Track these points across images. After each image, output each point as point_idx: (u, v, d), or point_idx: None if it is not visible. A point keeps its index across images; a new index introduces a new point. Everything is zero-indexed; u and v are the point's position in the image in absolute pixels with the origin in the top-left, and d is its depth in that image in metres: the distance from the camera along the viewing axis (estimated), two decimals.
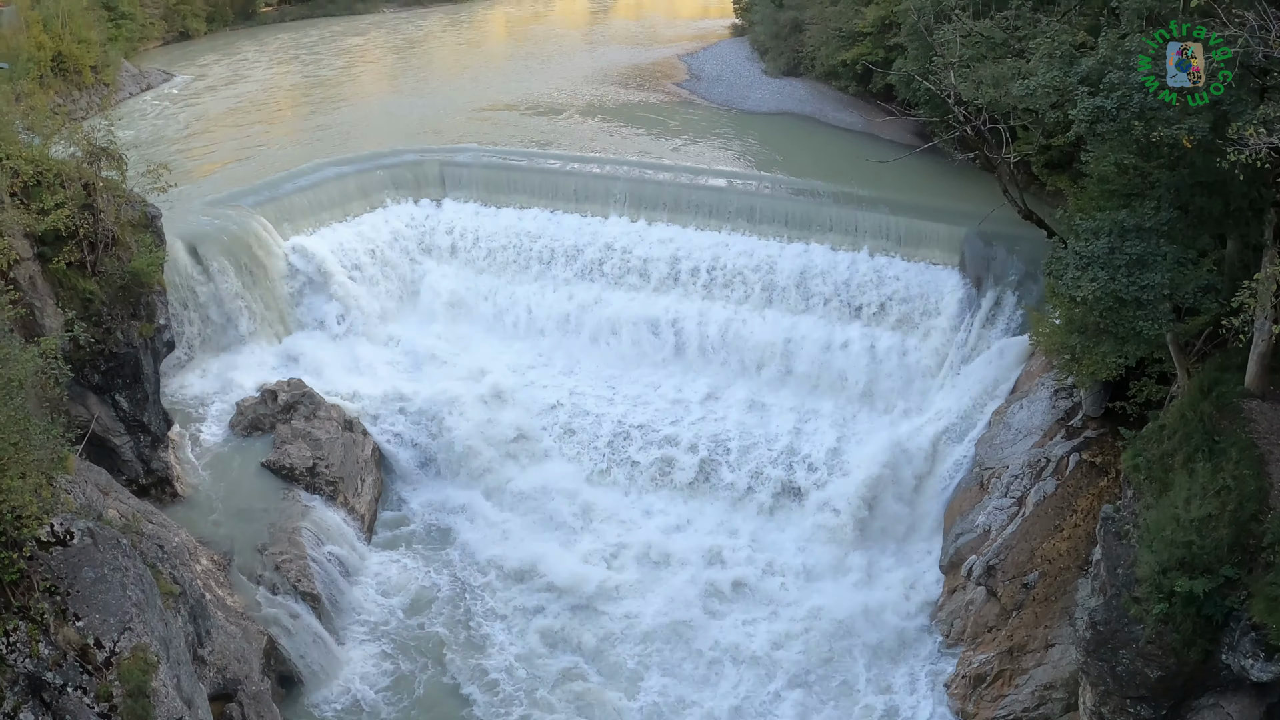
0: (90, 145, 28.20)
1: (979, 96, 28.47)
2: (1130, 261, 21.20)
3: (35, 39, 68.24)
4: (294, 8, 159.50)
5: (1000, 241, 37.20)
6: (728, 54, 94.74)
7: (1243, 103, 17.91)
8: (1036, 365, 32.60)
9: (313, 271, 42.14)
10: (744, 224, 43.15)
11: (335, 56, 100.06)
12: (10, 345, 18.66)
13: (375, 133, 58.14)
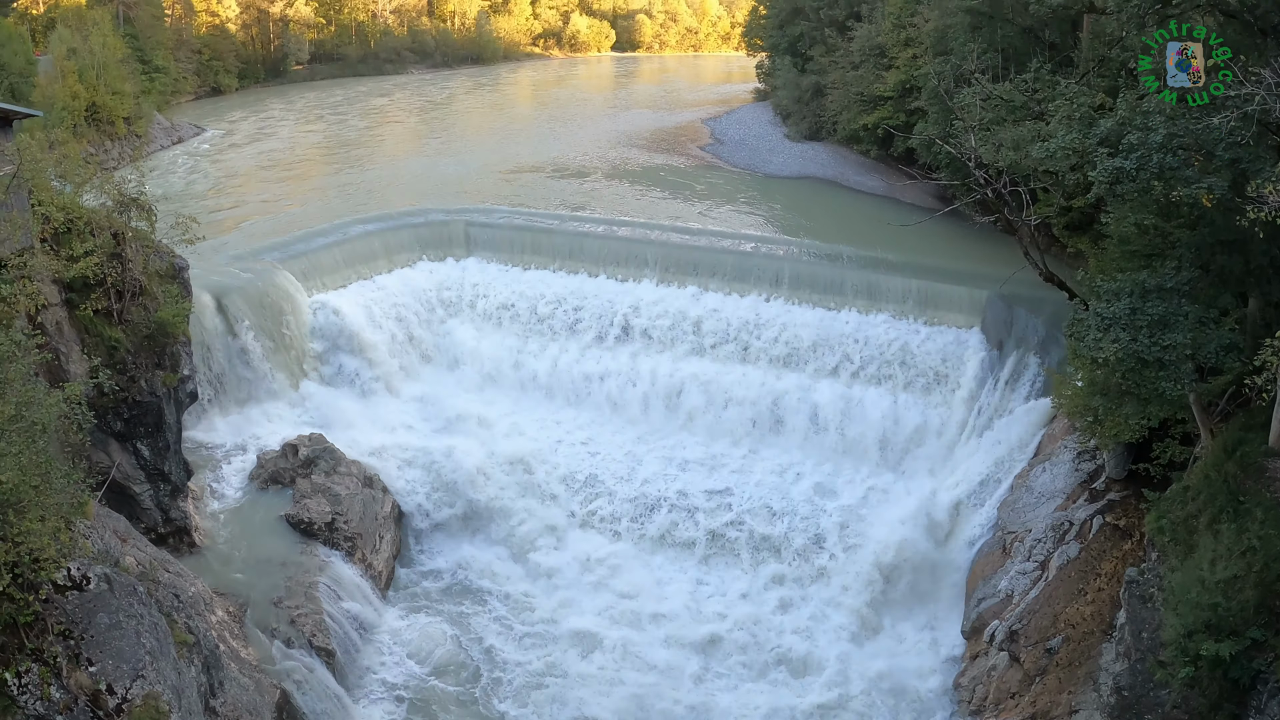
0: (121, 195, 28.67)
1: (999, 159, 28.68)
2: (1152, 322, 21.12)
3: (70, 88, 69.88)
4: (324, 67, 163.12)
5: (1022, 304, 37.16)
6: (750, 118, 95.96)
7: (1261, 160, 17.98)
8: (1059, 428, 32.36)
9: (337, 328, 42.44)
10: (767, 288, 43.37)
11: (362, 116, 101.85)
12: (35, 389, 18.81)
13: (401, 192, 58.99)
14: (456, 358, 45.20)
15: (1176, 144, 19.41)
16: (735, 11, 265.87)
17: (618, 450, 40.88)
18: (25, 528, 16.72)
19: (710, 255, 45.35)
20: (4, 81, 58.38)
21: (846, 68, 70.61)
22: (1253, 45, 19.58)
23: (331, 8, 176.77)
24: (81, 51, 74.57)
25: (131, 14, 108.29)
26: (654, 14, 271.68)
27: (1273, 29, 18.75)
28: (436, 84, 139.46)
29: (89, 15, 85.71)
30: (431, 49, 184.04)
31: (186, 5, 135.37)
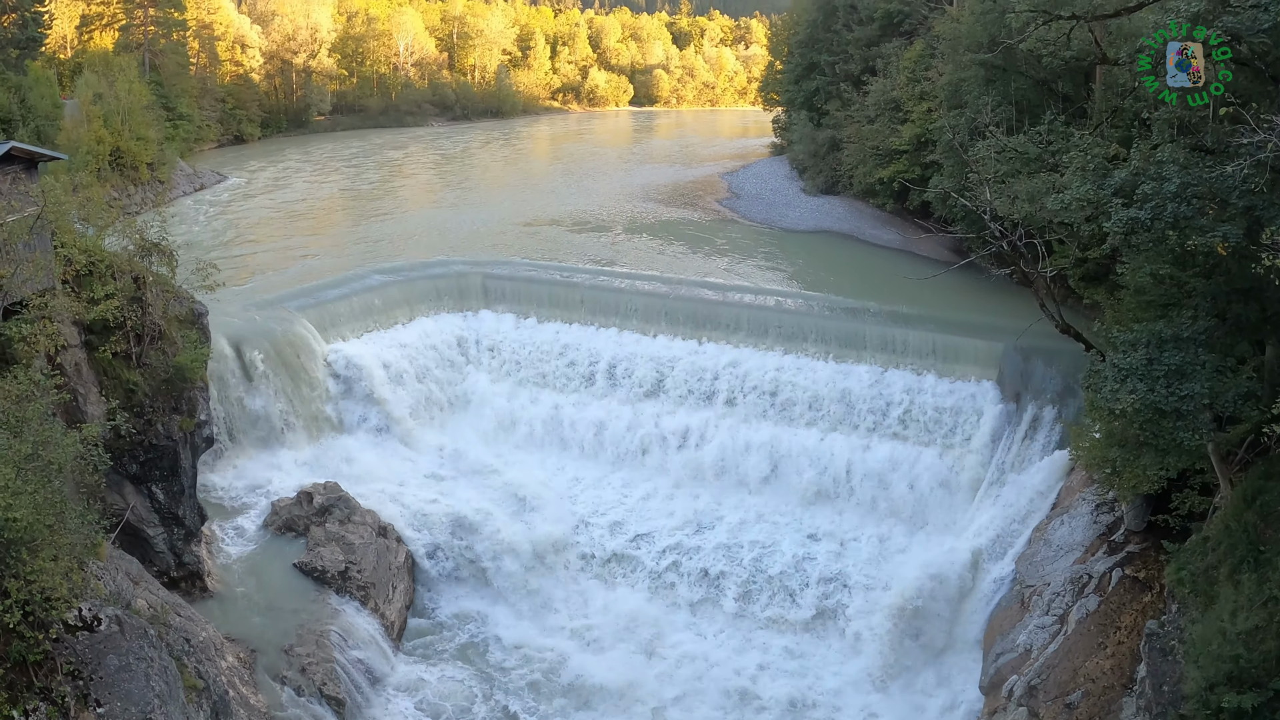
0: (143, 240, 29.03)
1: (1014, 211, 28.75)
2: (1169, 372, 20.99)
3: (96, 133, 70.88)
4: (345, 117, 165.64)
5: (1038, 356, 37.05)
6: (767, 172, 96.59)
7: (1275, 207, 17.95)
8: (1077, 480, 32.12)
9: (353, 376, 42.61)
10: (782, 342, 43.38)
11: (383, 167, 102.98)
12: (52, 429, 18.95)
13: (420, 243, 59.46)
14: (473, 409, 45.24)
15: (1191, 193, 19.42)
16: (752, 67, 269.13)
17: (634, 502, 40.70)
18: (38, 566, 16.77)
19: (728, 310, 45.42)
20: (30, 124, 59.32)
21: (862, 122, 71.10)
22: (1264, 92, 19.66)
23: (354, 60, 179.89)
24: (107, 97, 75.76)
25: (157, 61, 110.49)
26: (671, 69, 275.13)
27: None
28: (456, 136, 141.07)
29: (115, 61, 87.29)
30: (452, 102, 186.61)
31: (211, 54, 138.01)
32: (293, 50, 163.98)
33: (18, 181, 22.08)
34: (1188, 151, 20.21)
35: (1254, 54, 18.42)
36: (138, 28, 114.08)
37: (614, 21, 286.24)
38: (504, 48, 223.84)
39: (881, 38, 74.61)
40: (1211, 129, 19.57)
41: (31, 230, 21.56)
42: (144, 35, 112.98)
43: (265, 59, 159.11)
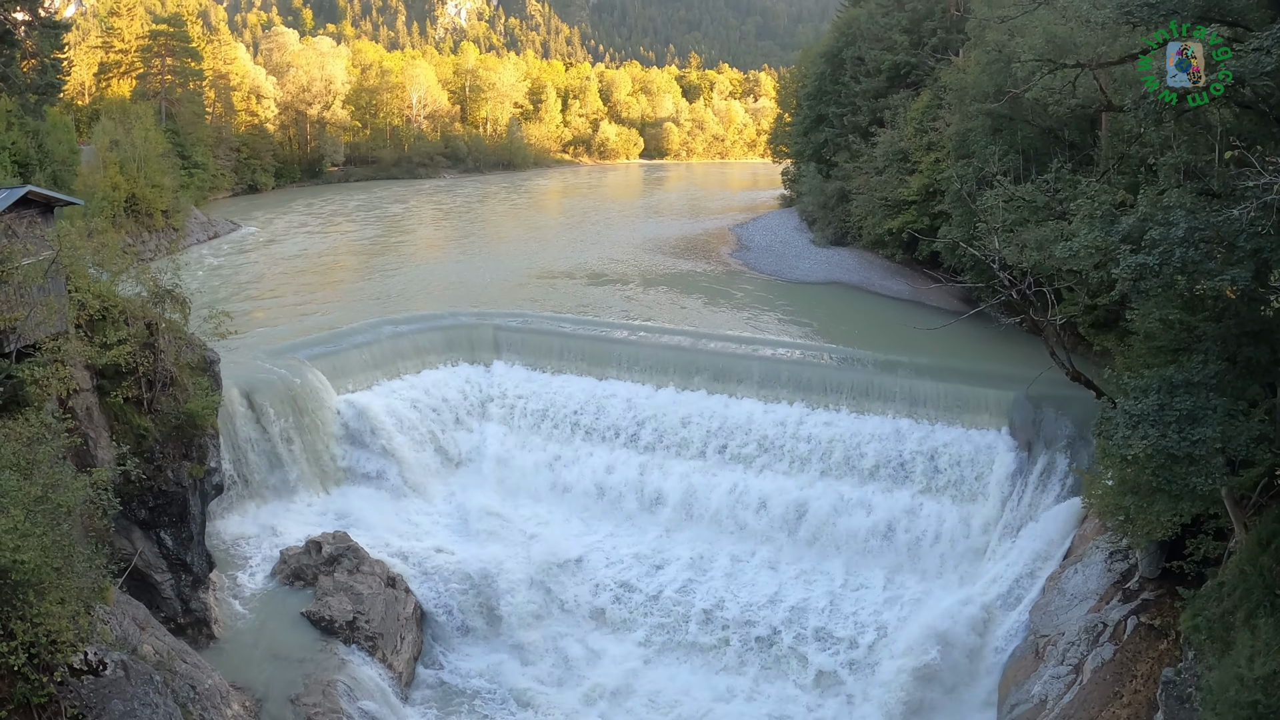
0: (156, 286, 29.26)
1: (1023, 260, 28.85)
2: (1180, 417, 20.90)
3: (111, 179, 71.73)
4: (358, 169, 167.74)
5: (1049, 404, 36.95)
6: (776, 224, 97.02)
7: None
8: (1090, 528, 31.90)
9: (364, 427, 42.60)
10: (794, 393, 43.26)
11: (395, 218, 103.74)
12: (62, 473, 18.99)
13: (431, 294, 59.76)
14: (483, 461, 45.10)
15: (1198, 237, 19.46)
16: (761, 119, 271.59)
17: (644, 555, 40.31)
18: (45, 609, 16.72)
19: (739, 362, 45.39)
20: (48, 168, 59.99)
21: (870, 173, 71.54)
22: (1269, 135, 19.78)
23: (367, 111, 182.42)
24: (124, 144, 76.86)
25: (174, 110, 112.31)
26: (681, 122, 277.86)
27: None
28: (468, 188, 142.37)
29: (133, 109, 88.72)
30: (464, 154, 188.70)
31: (227, 104, 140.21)
32: (307, 101, 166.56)
33: (34, 225, 22.34)
34: (1194, 196, 20.30)
35: (1258, 97, 18.56)
36: (155, 76, 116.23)
37: (624, 75, 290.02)
38: (516, 101, 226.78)
39: (889, 89, 75.28)
40: (1218, 172, 19.69)
41: (46, 274, 21.80)
42: (161, 84, 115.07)
43: (280, 109, 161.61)
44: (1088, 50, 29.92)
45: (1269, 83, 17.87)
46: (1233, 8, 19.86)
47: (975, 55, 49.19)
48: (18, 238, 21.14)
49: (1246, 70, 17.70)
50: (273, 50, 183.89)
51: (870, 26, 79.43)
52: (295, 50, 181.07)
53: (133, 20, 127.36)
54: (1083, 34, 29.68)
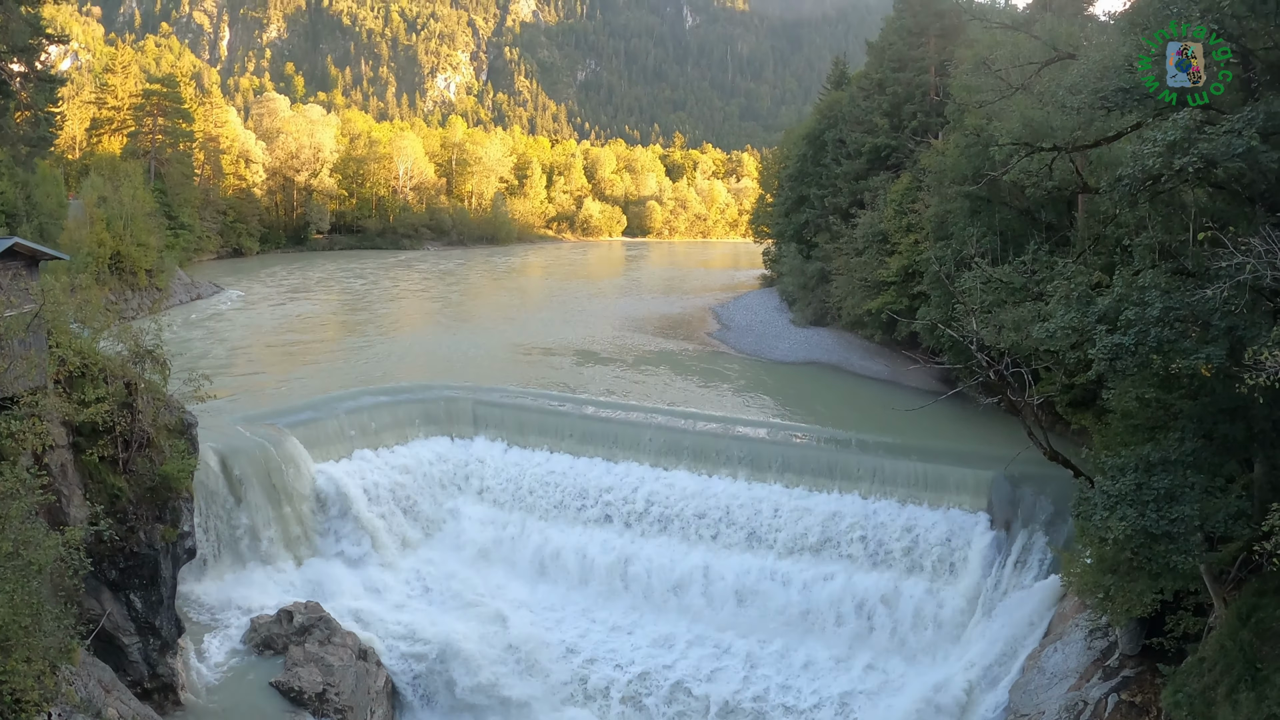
0: (137, 346, 29.17)
1: (1001, 340, 29.11)
2: (1159, 496, 21.10)
3: (98, 235, 71.78)
4: (343, 237, 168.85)
5: (1028, 483, 37.07)
6: (757, 304, 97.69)
7: (1257, 326, 18.30)
8: (1070, 606, 31.80)
9: (340, 497, 42.22)
10: (772, 473, 43.17)
11: (378, 288, 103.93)
12: (34, 530, 18.76)
13: (413, 366, 59.74)
14: (459, 535, 44.66)
15: (1173, 316, 19.80)
16: (743, 199, 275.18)
17: (619, 636, 39.85)
18: (10, 667, 16.40)
19: (718, 440, 45.34)
20: (35, 220, 60.00)
21: (850, 254, 72.20)
22: (1241, 214, 20.26)
23: (354, 180, 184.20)
24: (112, 201, 77.06)
25: (163, 170, 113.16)
26: (664, 201, 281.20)
27: (1260, 195, 19.41)
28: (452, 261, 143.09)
29: (122, 166, 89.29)
30: (448, 227, 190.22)
31: (216, 166, 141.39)
32: (295, 168, 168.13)
33: (18, 278, 22.34)
34: (1169, 276, 20.68)
35: (1231, 177, 19.03)
36: (146, 135, 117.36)
37: (609, 153, 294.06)
38: (501, 175, 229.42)
39: (869, 171, 76.42)
40: (1192, 252, 20.08)
41: (28, 328, 21.74)
42: (152, 143, 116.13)
43: (268, 175, 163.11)
44: (1064, 134, 30.56)
45: (1240, 164, 18.36)
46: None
47: (954, 138, 50.07)
48: (1, 289, 21.11)
49: (1218, 152, 18.18)
50: (264, 115, 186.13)
51: (851, 109, 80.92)
52: (286, 117, 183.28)
53: (127, 78, 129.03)
54: (1059, 118, 30.32)
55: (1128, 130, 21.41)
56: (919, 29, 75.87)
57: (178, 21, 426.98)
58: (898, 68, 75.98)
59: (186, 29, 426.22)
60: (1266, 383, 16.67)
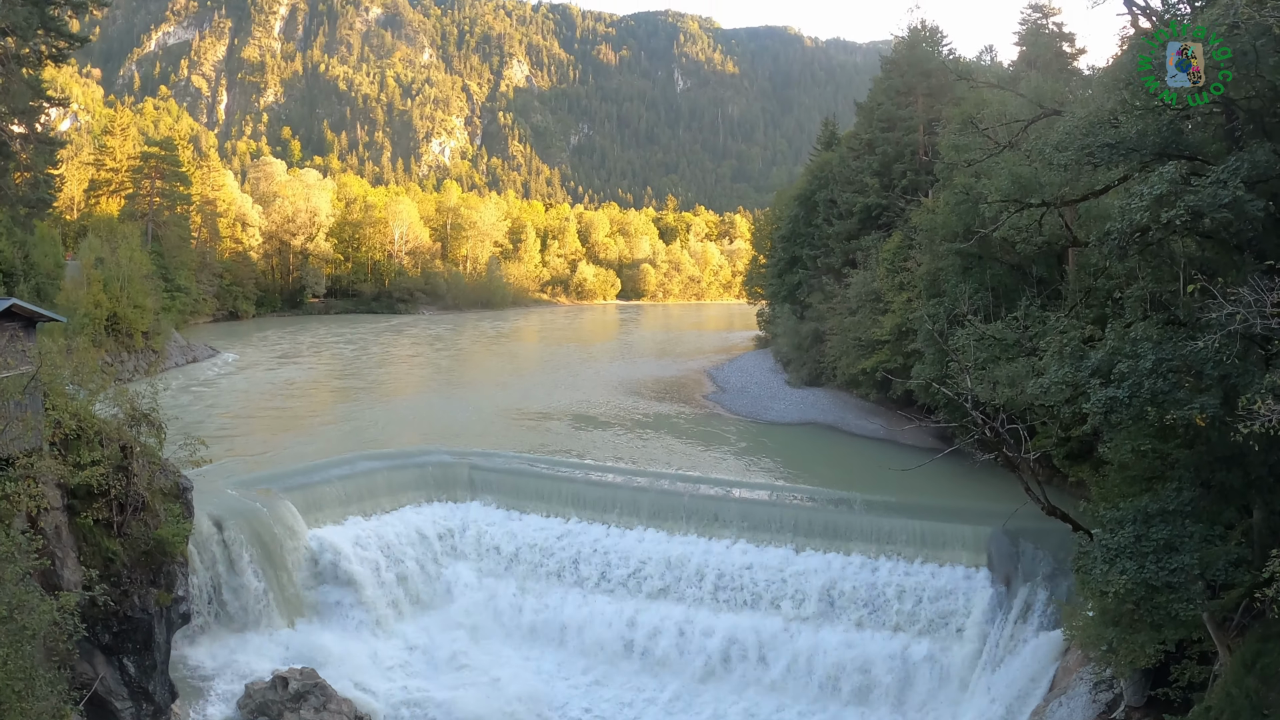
0: (133, 409, 29.17)
1: (996, 397, 29.23)
2: (1158, 547, 21.11)
3: (95, 296, 71.89)
4: (339, 301, 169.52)
5: (1027, 538, 36.93)
6: (751, 366, 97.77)
7: (1249, 374, 18.41)
8: (1073, 660, 31.54)
9: (335, 562, 41.89)
10: (768, 535, 42.95)
11: (374, 352, 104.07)
12: (29, 594, 18.62)
13: (407, 430, 59.66)
14: (454, 601, 44.24)
15: (1166, 367, 19.94)
16: (736, 261, 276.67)
17: (617, 701, 39.38)
18: None
19: (714, 503, 45.17)
20: (32, 280, 60.06)
21: (844, 314, 72.44)
22: (1230, 263, 20.47)
23: (350, 244, 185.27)
24: (109, 262, 77.43)
25: (160, 232, 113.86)
26: (658, 263, 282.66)
27: (1248, 243, 19.63)
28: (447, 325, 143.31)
29: (120, 228, 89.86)
30: (443, 291, 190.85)
31: (213, 229, 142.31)
32: (291, 232, 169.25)
33: (15, 339, 22.41)
34: (1161, 327, 20.85)
35: (1218, 226, 19.26)
36: (144, 197, 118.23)
37: (603, 216, 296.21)
38: (496, 239, 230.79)
39: (861, 231, 77.03)
40: (1183, 302, 20.25)
41: (25, 390, 21.77)
42: (149, 205, 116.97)
43: (264, 238, 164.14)
44: (1052, 189, 30.96)
45: (1227, 214, 18.61)
46: (1189, 144, 20.81)
47: (944, 196, 50.57)
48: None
49: (1205, 203, 18.44)
50: (260, 179, 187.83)
51: (842, 170, 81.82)
52: (282, 180, 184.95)
53: (125, 140, 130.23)
54: (1046, 174, 30.76)
55: (1115, 184, 21.72)
56: (906, 89, 77.04)
57: (176, 85, 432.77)
58: (886, 127, 77.00)
59: (185, 92, 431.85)
60: (1261, 430, 16.74)
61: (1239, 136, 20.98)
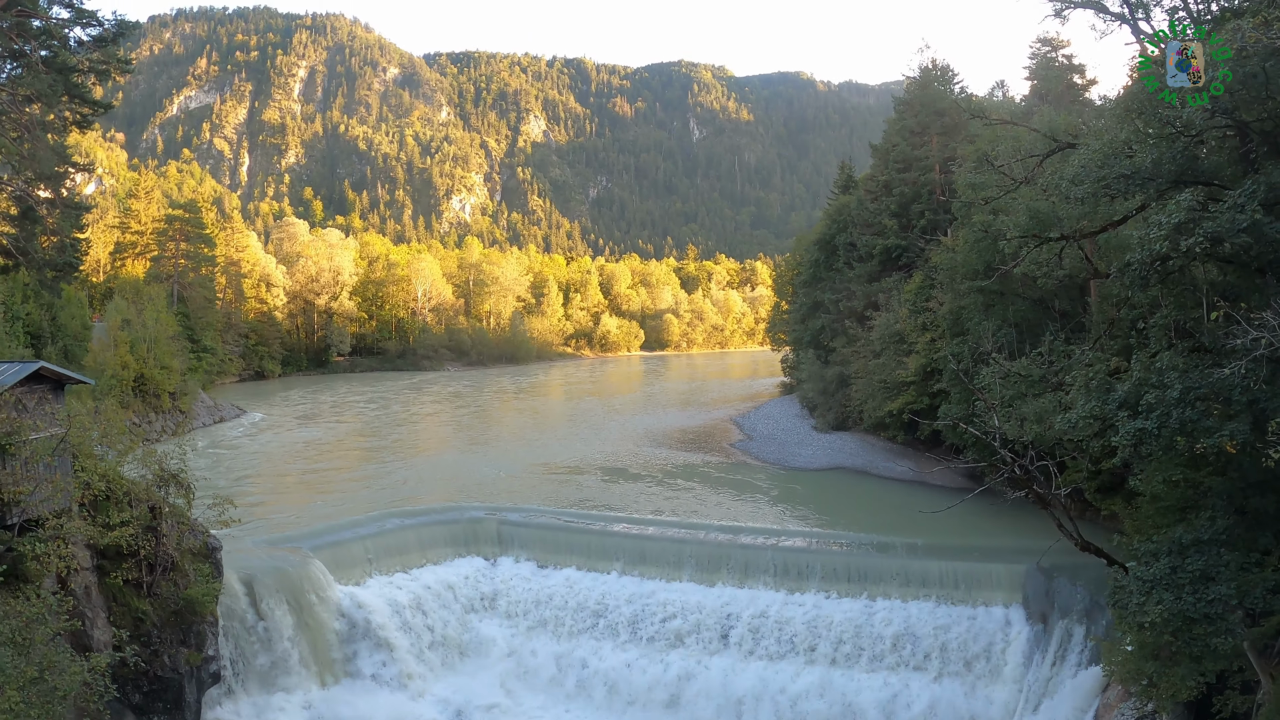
0: (162, 470, 29.42)
1: (1024, 434, 29.05)
2: (1194, 578, 20.83)
3: (122, 358, 72.51)
4: (364, 359, 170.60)
5: (1062, 573, 36.43)
6: (778, 412, 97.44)
7: (1278, 398, 18.23)
8: (1114, 696, 30.91)
9: (365, 621, 41.74)
10: (801, 581, 42.58)
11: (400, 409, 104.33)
12: (60, 655, 18.69)
13: (434, 487, 59.69)
14: (486, 658, 43.94)
15: (1193, 396, 19.77)
16: (758, 307, 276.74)
17: None
18: None
19: (745, 551, 44.72)
20: (59, 342, 60.77)
21: (868, 356, 72.27)
22: (1253, 287, 20.33)
23: (374, 303, 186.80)
24: (135, 324, 78.19)
25: (185, 293, 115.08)
26: (681, 313, 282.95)
27: (1269, 266, 19.50)
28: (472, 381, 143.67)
29: (145, 290, 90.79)
30: (468, 347, 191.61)
31: (238, 290, 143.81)
32: (315, 291, 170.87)
33: (44, 401, 22.69)
34: (1186, 355, 20.71)
35: (1238, 251, 19.16)
36: (169, 259, 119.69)
37: (624, 268, 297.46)
38: (518, 294, 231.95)
39: (881, 273, 77.03)
40: (1207, 329, 20.12)
41: (54, 451, 21.99)
42: (174, 267, 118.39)
43: (289, 298, 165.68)
44: (1070, 222, 30.91)
45: (1246, 238, 18.53)
46: (1205, 169, 20.78)
47: (963, 235, 50.55)
48: (27, 412, 21.42)
49: (1223, 229, 18.38)
50: (283, 240, 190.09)
51: (860, 213, 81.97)
52: (305, 241, 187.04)
53: (150, 203, 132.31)
54: (1064, 208, 30.73)
55: (1133, 213, 21.67)
56: (920, 128, 77.38)
57: (199, 148, 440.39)
58: (902, 168, 77.25)
59: (207, 155, 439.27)
60: None
61: (1254, 159, 20.94)
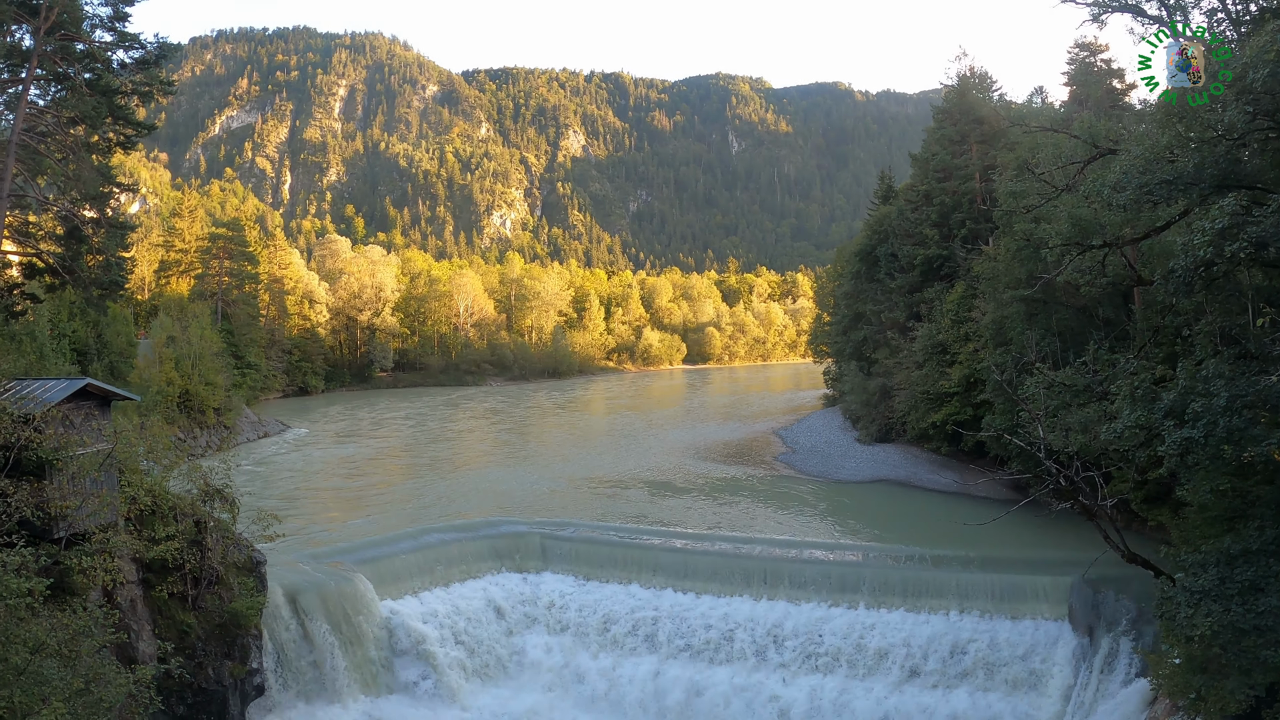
0: (207, 485, 29.82)
1: (1069, 444, 28.69)
2: (1243, 589, 20.48)
3: (167, 374, 73.59)
4: (407, 374, 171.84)
5: (1108, 585, 35.90)
6: (820, 425, 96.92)
7: None
8: (1161, 709, 30.35)
9: (408, 634, 41.97)
10: (847, 595, 42.28)
11: (442, 424, 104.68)
12: (106, 667, 18.93)
13: (478, 501, 59.93)
14: (531, 671, 43.98)
15: (1240, 404, 19.48)
16: (800, 319, 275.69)
17: None
18: None
19: (791, 565, 44.51)
20: (105, 359, 61.83)
21: (911, 367, 71.70)
22: None
23: (416, 319, 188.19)
24: (180, 340, 79.34)
25: (229, 310, 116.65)
26: (723, 326, 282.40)
27: None
28: (514, 396, 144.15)
29: (190, 307, 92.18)
30: (510, 361, 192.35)
31: (281, 307, 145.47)
32: (358, 307, 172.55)
33: (90, 417, 23.08)
34: (1232, 362, 20.38)
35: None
36: (213, 277, 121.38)
37: (665, 282, 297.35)
38: (560, 309, 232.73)
39: (923, 283, 76.47)
40: (1253, 336, 19.78)
41: (101, 467, 22.36)
42: (218, 285, 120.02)
43: (332, 314, 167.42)
44: (1113, 229, 30.55)
45: None
46: (1247, 173, 20.46)
47: (1005, 244, 50.15)
48: (74, 428, 21.79)
49: (1268, 234, 18.09)
50: (326, 257, 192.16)
51: (901, 223, 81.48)
52: (347, 257, 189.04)
53: (193, 222, 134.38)
54: (1106, 215, 30.35)
55: (1176, 219, 21.34)
56: (960, 137, 76.85)
57: (241, 167, 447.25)
58: (943, 177, 76.77)
59: (250, 174, 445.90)
60: None
61: None
